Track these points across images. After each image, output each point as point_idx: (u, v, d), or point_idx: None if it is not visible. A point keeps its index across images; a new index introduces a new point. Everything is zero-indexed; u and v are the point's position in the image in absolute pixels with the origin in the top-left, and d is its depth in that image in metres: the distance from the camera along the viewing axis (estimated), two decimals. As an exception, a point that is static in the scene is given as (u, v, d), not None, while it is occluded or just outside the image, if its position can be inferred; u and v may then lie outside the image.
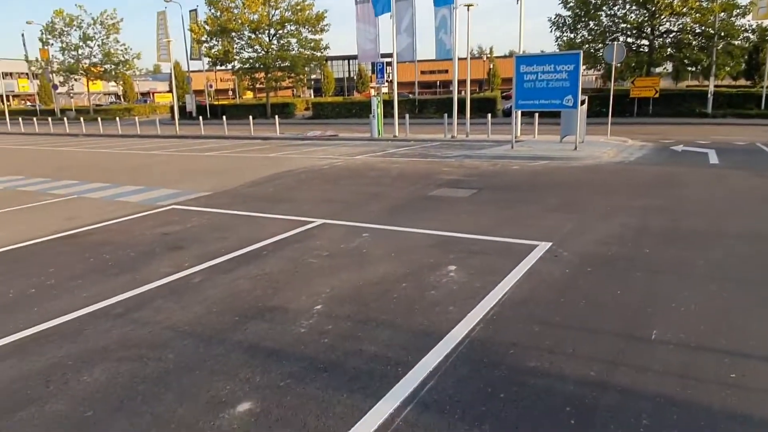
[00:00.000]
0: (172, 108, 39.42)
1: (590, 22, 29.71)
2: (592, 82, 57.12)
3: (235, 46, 40.32)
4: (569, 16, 29.98)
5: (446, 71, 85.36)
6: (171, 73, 34.46)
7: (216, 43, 40.36)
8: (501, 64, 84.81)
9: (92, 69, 49.99)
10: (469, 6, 20.97)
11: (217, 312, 4.52)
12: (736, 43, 27.54)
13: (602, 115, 26.02)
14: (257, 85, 43.94)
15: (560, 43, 30.40)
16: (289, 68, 40.40)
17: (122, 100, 79.46)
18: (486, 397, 3.14)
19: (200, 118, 32.83)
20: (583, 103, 15.67)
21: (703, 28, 27.52)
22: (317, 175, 12.33)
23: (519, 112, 16.57)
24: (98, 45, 49.15)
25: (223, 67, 43.22)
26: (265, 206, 8.88)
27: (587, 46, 29.24)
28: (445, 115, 22.02)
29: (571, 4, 29.68)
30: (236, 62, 41.31)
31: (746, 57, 32.95)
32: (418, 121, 31.61)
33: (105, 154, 20.23)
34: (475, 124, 22.99)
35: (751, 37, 27.85)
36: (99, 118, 37.47)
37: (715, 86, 30.13)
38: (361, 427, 2.88)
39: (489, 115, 21.56)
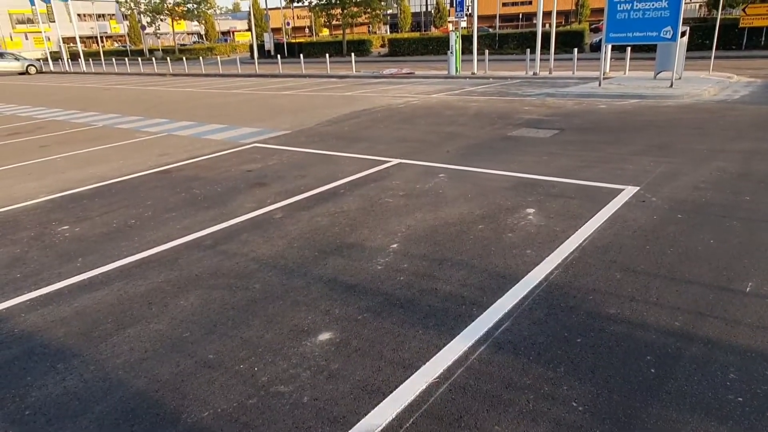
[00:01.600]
0: (251, 47, 39.97)
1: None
2: (695, 10, 51.81)
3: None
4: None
5: (530, 2, 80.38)
6: (249, 11, 34.73)
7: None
8: (591, -6, 78.67)
9: (176, 8, 51.31)
10: (559, -71, 19.33)
11: (298, 247, 4.72)
12: None
13: (705, 48, 23.76)
14: (333, 22, 43.52)
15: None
16: (365, 3, 39.53)
17: (204, 39, 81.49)
18: (562, 340, 3.12)
19: (278, 56, 33.15)
20: (683, 34, 14.35)
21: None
22: (393, 114, 12.23)
23: (609, 46, 15.43)
24: (179, -16, 50.18)
25: (299, 4, 42.91)
26: (342, 145, 8.98)
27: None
28: (527, 50, 20.92)
29: None
30: (313, -1, 40.92)
31: None
32: (498, 58, 30.31)
33: (190, 93, 21.03)
34: (560, 60, 21.73)
35: None
36: (184, 58, 38.80)
37: None
38: (436, 361, 2.96)
39: (575, 50, 20.22)
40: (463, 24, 25.14)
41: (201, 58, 39.03)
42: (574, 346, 3.06)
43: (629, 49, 17.84)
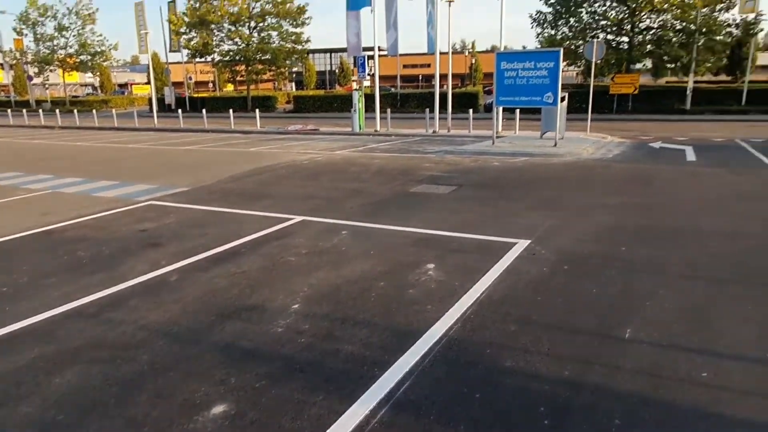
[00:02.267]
0: (150, 100, 38.83)
1: (570, 19, 29.94)
2: (572, 77, 57.61)
3: (215, 38, 39.77)
4: (550, 12, 30.17)
5: (428, 65, 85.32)
6: (149, 65, 33.89)
7: (195, 35, 39.77)
8: (483, 59, 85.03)
9: (67, 60, 48.96)
10: (450, 1, 20.96)
11: (193, 311, 4.47)
12: (718, 38, 27.95)
13: (582, 111, 26.25)
14: (237, 78, 43.49)
15: (541, 39, 30.62)
16: (270, 61, 40.03)
17: (99, 91, 78.02)
18: (462, 397, 3.15)
19: (179, 110, 32.37)
20: (563, 99, 15.80)
21: (683, 24, 27.89)
22: (297, 170, 12.25)
23: (500, 108, 16.66)
24: (74, 36, 48.14)
25: (202, 60, 42.59)
26: (244, 202, 8.80)
27: (567, 42, 29.47)
28: (427, 110, 22.05)
29: (552, 0, 29.85)
30: (216, 54, 40.77)
31: (728, 52, 33.45)
32: (399, 116, 31.58)
33: (81, 147, 19.85)
34: (457, 119, 23.04)
35: (735, 31, 28.24)
36: (75, 110, 36.77)
37: (695, 82, 30.59)
38: (336, 429, 2.87)
39: (471, 110, 21.62)
40: (367, 83, 26.15)
41: (94, 110, 37.21)
42: (474, 402, 3.10)
43: (518, 110, 19.37)
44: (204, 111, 29.55)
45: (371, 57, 23.13)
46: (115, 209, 8.57)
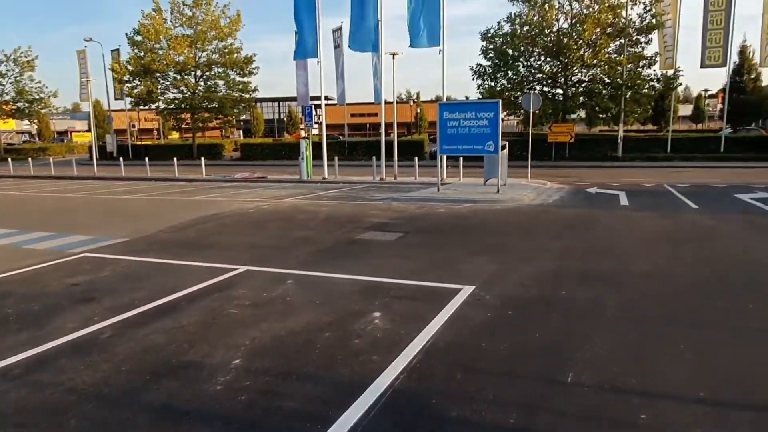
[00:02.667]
0: (90, 148, 37.70)
1: (509, 72, 31.51)
2: (513, 126, 60.27)
3: (159, 86, 39.39)
4: (489, 66, 31.69)
5: (376, 114, 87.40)
6: (90, 112, 33.10)
7: (139, 83, 39.27)
8: (428, 108, 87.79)
9: (3, 107, 47.18)
10: (394, 54, 21.73)
11: (126, 371, 4.23)
12: (643, 91, 30.04)
13: (523, 158, 27.31)
14: (182, 126, 43.01)
15: (482, 90, 31.95)
16: (217, 109, 39.89)
17: (37, 139, 75.24)
18: (407, 451, 3.09)
19: (121, 158, 31.56)
20: (504, 147, 16.42)
21: (611, 78, 29.87)
22: (242, 219, 12.06)
23: (444, 156, 17.13)
24: (10, 83, 46.59)
25: (146, 108, 41.98)
26: (185, 253, 8.54)
27: (507, 93, 30.89)
28: (374, 157, 22.39)
29: (491, 55, 31.43)
30: (160, 102, 40.28)
31: (652, 104, 35.95)
32: (347, 163, 31.88)
33: (14, 196, 18.90)
34: (403, 167, 23.45)
35: (657, 85, 30.45)
36: (9, 159, 35.22)
37: (625, 131, 32.60)
38: (276, 493, 2.74)
39: (416, 158, 22.12)
40: (315, 131, 26.44)
41: (30, 159, 35.72)
42: (419, 455, 3.04)
43: (461, 158, 19.96)
44: (146, 159, 28.92)
45: (318, 106, 23.47)
46: (47, 262, 8.13)
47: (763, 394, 3.72)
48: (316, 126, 25.55)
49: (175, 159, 26.17)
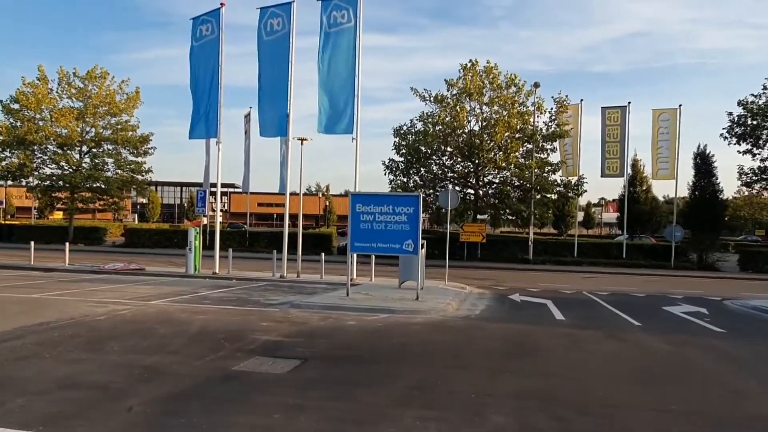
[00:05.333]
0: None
1: (421, 169, 30.84)
2: (424, 222, 60.38)
3: (36, 159, 34.78)
4: (402, 161, 30.90)
5: (284, 204, 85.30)
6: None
7: (10, 155, 34.50)
8: (337, 202, 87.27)
9: None
10: (302, 140, 19.89)
11: None
12: (550, 196, 30.35)
13: (435, 257, 25.81)
14: (58, 205, 38.06)
15: (394, 186, 30.85)
16: (102, 190, 35.62)
17: None
18: None
19: (-32, 240, 26.38)
20: (422, 246, 14.57)
21: (521, 181, 29.98)
22: (80, 332, 8.81)
23: (355, 255, 14.89)
24: None
25: (12, 183, 36.86)
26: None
27: (420, 190, 29.97)
28: (275, 251, 19.71)
29: (404, 151, 30.75)
30: (33, 178, 35.46)
31: (557, 209, 36.74)
32: (248, 255, 28.80)
33: None
34: (309, 261, 20.96)
35: (563, 190, 30.90)
36: None
37: (534, 234, 32.57)
38: None
39: (323, 253, 19.75)
40: (213, 219, 23.51)
41: None
42: None
43: (373, 255, 17.82)
44: None
45: (213, 192, 20.80)
46: None
47: None
48: (212, 213, 22.61)
49: (32, 243, 21.79)
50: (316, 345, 8.40)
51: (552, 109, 30.00)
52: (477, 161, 29.90)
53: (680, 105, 31.44)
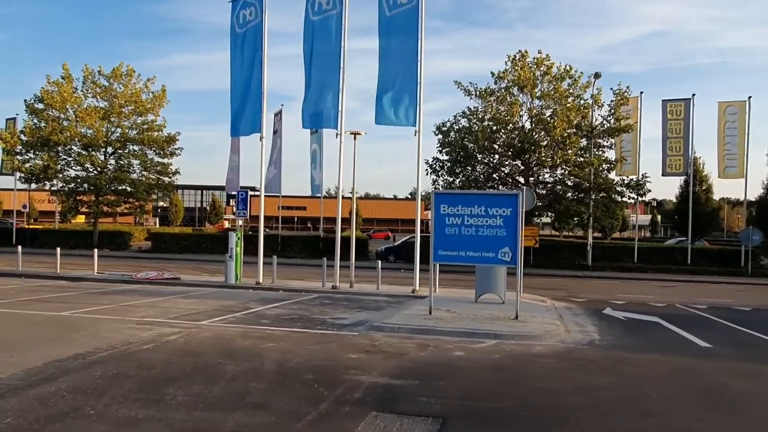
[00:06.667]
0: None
1: (468, 167, 28.58)
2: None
3: (60, 161, 33.21)
4: (447, 160, 28.70)
5: (304, 208, 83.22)
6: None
7: (34, 156, 33.00)
8: (361, 204, 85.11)
9: None
10: (355, 134, 17.87)
11: None
12: (613, 197, 27.90)
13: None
14: (82, 209, 36.48)
15: (437, 186, 28.62)
16: (128, 193, 33.90)
17: None
18: None
19: (-9, 245, 24.82)
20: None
21: (578, 180, 27.60)
22: (127, 371, 6.79)
23: (437, 265, 12.71)
24: None
25: (36, 186, 35.44)
26: None
27: (470, 188, 27.71)
28: (324, 259, 17.63)
29: (448, 149, 28.54)
30: (57, 180, 33.88)
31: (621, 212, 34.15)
32: (282, 261, 26.81)
33: None
34: (347, 269, 18.67)
35: (625, 191, 28.21)
36: None
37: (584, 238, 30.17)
38: None
39: (379, 262, 17.69)
40: (240, 222, 21.64)
41: None
42: None
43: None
44: (20, 248, 22.36)
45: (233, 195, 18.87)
46: None
47: None
48: (232, 216, 20.66)
49: (58, 250, 19.98)
50: (441, 392, 6.27)
51: (611, 101, 27.53)
52: (529, 159, 27.57)
53: (749, 97, 28.82)
